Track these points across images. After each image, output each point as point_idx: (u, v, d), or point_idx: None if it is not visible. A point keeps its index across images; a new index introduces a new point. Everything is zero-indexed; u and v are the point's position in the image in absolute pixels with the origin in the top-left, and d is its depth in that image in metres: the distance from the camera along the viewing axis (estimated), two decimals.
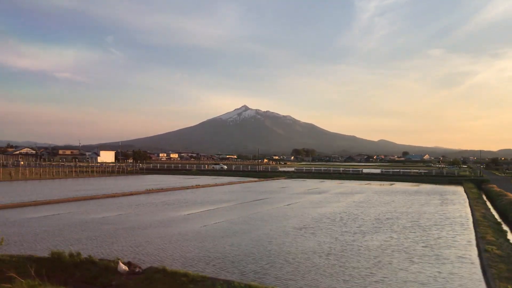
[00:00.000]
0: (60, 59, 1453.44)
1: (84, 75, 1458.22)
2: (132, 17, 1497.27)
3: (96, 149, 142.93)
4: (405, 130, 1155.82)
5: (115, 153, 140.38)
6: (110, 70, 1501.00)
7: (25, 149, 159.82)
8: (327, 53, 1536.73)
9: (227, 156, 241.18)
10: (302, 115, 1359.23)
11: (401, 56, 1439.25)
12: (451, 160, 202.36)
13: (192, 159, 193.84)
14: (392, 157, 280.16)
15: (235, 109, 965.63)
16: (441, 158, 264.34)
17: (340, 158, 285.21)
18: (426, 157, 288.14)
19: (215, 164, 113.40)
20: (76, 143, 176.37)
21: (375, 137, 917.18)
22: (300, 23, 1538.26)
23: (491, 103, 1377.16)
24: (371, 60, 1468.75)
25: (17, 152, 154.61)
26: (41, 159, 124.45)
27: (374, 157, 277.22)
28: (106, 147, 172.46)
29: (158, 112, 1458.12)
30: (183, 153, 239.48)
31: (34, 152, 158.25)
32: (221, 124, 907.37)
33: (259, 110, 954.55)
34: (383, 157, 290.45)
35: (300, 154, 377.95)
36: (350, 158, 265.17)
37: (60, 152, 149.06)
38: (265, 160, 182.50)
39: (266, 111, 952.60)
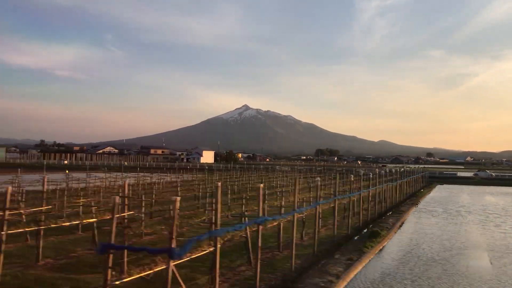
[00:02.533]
0: (60, 57, 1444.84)
1: (84, 73, 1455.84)
2: (132, 15, 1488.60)
3: (198, 149, 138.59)
4: (405, 131, 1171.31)
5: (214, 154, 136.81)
6: (110, 68, 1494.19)
7: (108, 148, 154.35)
8: (327, 53, 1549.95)
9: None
10: (303, 115, 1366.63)
11: (401, 57, 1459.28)
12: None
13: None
14: (442, 160, 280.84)
15: (236, 109, 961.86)
16: (483, 160, 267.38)
17: (371, 158, 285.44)
18: (469, 159, 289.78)
19: (479, 170, 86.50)
20: (75, 141, 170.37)
21: (375, 138, 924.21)
22: (301, 22, 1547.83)
23: (492, 105, 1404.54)
24: (371, 61, 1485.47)
25: (101, 151, 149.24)
26: (130, 160, 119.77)
27: (430, 159, 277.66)
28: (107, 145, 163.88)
29: (159, 111, 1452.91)
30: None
31: (116, 151, 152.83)
32: (222, 123, 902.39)
33: (260, 109, 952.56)
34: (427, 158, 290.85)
35: (324, 154, 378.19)
36: (396, 159, 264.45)
37: (152, 151, 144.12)
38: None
39: (267, 111, 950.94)
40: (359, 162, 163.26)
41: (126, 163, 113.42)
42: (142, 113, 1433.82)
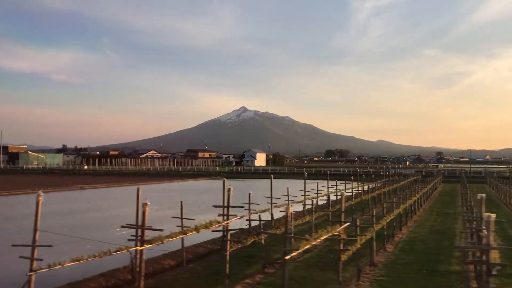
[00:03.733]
0: (56, 61, 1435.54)
1: (80, 76, 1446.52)
2: (127, 18, 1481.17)
3: (251, 151, 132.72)
4: (403, 130, 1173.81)
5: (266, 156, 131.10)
6: (106, 71, 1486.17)
7: (151, 151, 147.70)
8: (324, 53, 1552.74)
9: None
10: (301, 116, 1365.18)
11: (396, 56, 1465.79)
12: None
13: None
14: (462, 159, 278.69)
15: (234, 110, 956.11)
16: (504, 158, 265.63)
17: (392, 159, 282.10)
18: (488, 158, 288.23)
19: None
20: (71, 145, 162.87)
21: (373, 138, 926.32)
22: (296, 23, 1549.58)
23: (488, 103, 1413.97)
24: (367, 60, 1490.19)
25: (144, 155, 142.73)
26: (178, 163, 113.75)
27: (448, 158, 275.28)
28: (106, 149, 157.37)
29: (156, 114, 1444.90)
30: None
31: (159, 155, 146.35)
32: (220, 125, 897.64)
33: (258, 111, 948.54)
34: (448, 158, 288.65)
35: (334, 154, 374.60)
36: (419, 159, 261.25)
37: (200, 155, 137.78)
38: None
39: (265, 112, 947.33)
40: (408, 163, 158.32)
41: (174, 167, 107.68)
42: (139, 116, 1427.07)
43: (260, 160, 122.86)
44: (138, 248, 7.59)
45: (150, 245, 7.53)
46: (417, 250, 13.68)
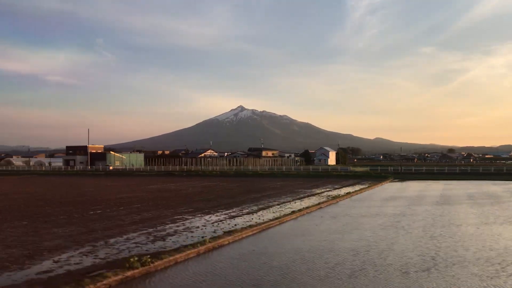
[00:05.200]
0: (51, 62, 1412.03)
1: (76, 78, 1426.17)
2: (122, 19, 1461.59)
3: (323, 150, 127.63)
4: (400, 128, 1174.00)
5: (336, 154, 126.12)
6: (101, 72, 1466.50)
7: (209, 151, 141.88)
8: (320, 52, 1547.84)
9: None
10: (299, 115, 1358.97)
11: (393, 54, 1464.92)
12: None
13: None
14: (486, 155, 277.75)
15: (231, 110, 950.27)
16: None
17: (414, 155, 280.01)
18: None
19: None
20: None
21: (371, 135, 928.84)
22: (292, 22, 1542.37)
23: (484, 100, 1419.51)
24: (363, 59, 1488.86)
25: (202, 155, 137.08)
26: (241, 163, 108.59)
27: (465, 155, 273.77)
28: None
29: (153, 114, 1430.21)
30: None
31: (215, 154, 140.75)
32: (218, 124, 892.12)
33: (255, 110, 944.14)
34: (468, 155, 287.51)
35: (347, 153, 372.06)
36: (446, 157, 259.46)
37: (264, 153, 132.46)
38: None
39: (263, 111, 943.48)
40: (472, 160, 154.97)
41: (235, 167, 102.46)
42: (136, 117, 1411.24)
43: (332, 158, 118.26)
44: None
45: None
46: None
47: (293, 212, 21.17)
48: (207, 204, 23.83)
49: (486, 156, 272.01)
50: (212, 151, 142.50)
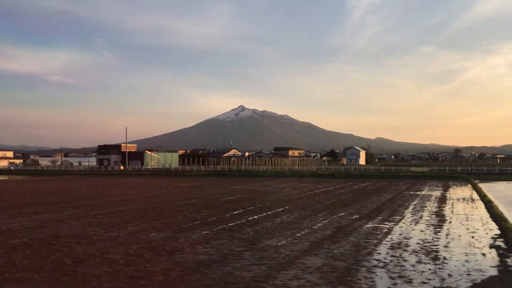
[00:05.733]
0: (51, 62, 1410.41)
1: (76, 77, 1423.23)
2: (122, 19, 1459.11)
3: (353, 149, 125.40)
4: (400, 128, 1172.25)
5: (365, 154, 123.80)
6: (102, 72, 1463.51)
7: (232, 151, 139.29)
8: (320, 51, 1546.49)
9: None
10: (299, 114, 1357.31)
11: (393, 54, 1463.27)
12: None
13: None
14: (498, 155, 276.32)
15: (232, 109, 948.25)
16: None
17: (425, 156, 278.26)
18: None
19: None
20: (71, 146, 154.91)
21: (371, 135, 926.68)
22: (292, 21, 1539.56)
23: (484, 99, 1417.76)
24: (363, 58, 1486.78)
25: (226, 155, 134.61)
26: (266, 163, 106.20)
27: (476, 155, 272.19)
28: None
29: (153, 113, 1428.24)
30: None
31: (239, 153, 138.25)
32: (219, 124, 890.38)
33: (256, 109, 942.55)
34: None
35: None
36: (458, 156, 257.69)
37: (290, 153, 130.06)
38: None
39: (264, 111, 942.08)
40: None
41: (265, 167, 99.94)
42: (136, 116, 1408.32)
43: (362, 158, 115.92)
44: None
45: None
46: None
47: None
48: (360, 209, 21.10)
49: (498, 156, 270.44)
50: (236, 151, 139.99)
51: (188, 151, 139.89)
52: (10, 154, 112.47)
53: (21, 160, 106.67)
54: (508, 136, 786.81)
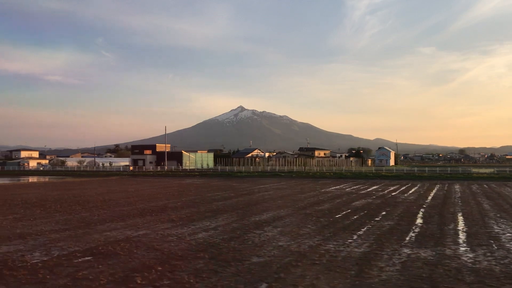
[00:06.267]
0: (51, 62, 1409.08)
1: (76, 77, 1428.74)
2: (122, 19, 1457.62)
3: (383, 150, 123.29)
4: (399, 128, 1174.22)
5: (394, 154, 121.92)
6: (101, 72, 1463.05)
7: (256, 151, 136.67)
8: (319, 52, 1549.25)
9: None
10: (299, 115, 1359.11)
11: (392, 54, 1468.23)
12: None
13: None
14: (508, 156, 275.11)
15: (231, 110, 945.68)
16: None
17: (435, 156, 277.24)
18: None
19: None
20: (70, 146, 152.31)
21: (370, 136, 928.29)
22: (292, 22, 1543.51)
23: (483, 100, 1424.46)
24: (363, 58, 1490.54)
25: (249, 155, 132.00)
26: (292, 163, 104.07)
27: (486, 156, 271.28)
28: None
29: (152, 114, 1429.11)
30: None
31: (262, 154, 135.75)
32: (218, 125, 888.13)
33: (255, 110, 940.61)
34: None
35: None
36: (467, 157, 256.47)
37: (316, 153, 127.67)
38: None
39: (263, 111, 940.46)
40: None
41: (286, 168, 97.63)
42: (136, 117, 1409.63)
43: (392, 159, 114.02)
44: None
45: None
46: None
47: None
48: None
49: (507, 157, 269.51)
50: (259, 151, 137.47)
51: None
52: (35, 154, 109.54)
53: (47, 161, 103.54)
54: (507, 136, 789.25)
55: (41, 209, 19.48)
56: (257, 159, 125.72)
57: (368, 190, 33.12)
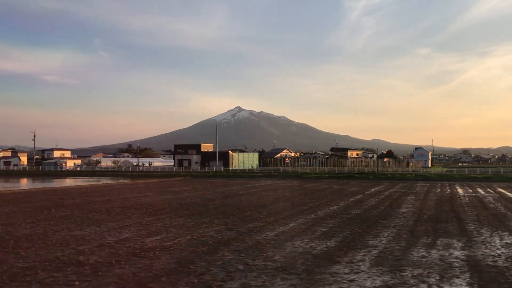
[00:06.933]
0: (48, 61, 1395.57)
1: (73, 77, 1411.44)
2: (119, 19, 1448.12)
3: (421, 150, 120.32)
4: (396, 129, 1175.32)
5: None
6: (98, 72, 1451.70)
7: (285, 151, 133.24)
8: (316, 52, 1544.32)
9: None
10: (296, 115, 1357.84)
11: (389, 55, 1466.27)
12: None
13: None
14: None
15: (229, 110, 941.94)
16: None
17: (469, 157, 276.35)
18: None
19: None
20: (68, 146, 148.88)
21: (368, 137, 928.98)
22: (289, 22, 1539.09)
23: (480, 101, 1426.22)
24: (360, 59, 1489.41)
25: (278, 155, 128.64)
26: (323, 164, 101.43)
27: (496, 157, 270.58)
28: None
29: (150, 114, 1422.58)
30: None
31: (291, 155, 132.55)
32: (215, 125, 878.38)
33: (253, 110, 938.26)
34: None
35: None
36: (478, 157, 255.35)
37: (349, 153, 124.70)
38: None
39: (260, 112, 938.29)
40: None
41: (318, 168, 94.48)
42: (133, 117, 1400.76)
43: (429, 159, 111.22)
44: None
45: None
46: None
47: None
48: None
49: None
50: (288, 151, 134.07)
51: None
52: (68, 153, 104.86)
53: (79, 161, 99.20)
54: (504, 137, 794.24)
55: (236, 218, 15.81)
56: (286, 159, 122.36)
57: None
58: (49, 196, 26.93)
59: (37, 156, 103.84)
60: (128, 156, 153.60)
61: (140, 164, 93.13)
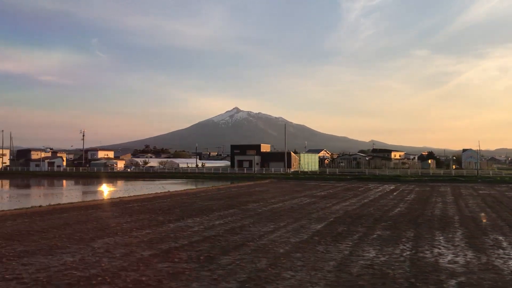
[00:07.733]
0: (45, 62, 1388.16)
1: (70, 78, 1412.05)
2: (117, 19, 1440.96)
3: (470, 151, 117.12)
4: (394, 130, 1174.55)
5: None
6: (96, 72, 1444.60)
7: (322, 152, 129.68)
8: (314, 53, 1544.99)
9: None
10: (294, 116, 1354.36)
11: (387, 57, 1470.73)
12: None
13: None
14: None
15: (227, 111, 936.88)
16: None
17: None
18: None
19: None
20: (68, 147, 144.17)
21: (365, 138, 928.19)
22: (287, 23, 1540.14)
23: (477, 103, 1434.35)
24: (357, 61, 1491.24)
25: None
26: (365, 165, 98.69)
27: (509, 158, 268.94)
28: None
29: (147, 115, 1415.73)
30: None
31: (328, 155, 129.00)
32: (213, 126, 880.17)
33: (251, 112, 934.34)
34: None
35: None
36: (492, 159, 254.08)
37: (392, 155, 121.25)
38: None
39: (258, 113, 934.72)
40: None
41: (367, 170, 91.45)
42: (131, 118, 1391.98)
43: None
44: None
45: None
46: None
47: None
48: None
49: None
50: (326, 152, 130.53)
51: None
52: (111, 154, 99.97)
53: (123, 161, 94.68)
54: (502, 139, 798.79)
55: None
56: (326, 161, 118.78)
57: None
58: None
59: (71, 156, 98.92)
60: (151, 157, 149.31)
61: (199, 164, 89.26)
